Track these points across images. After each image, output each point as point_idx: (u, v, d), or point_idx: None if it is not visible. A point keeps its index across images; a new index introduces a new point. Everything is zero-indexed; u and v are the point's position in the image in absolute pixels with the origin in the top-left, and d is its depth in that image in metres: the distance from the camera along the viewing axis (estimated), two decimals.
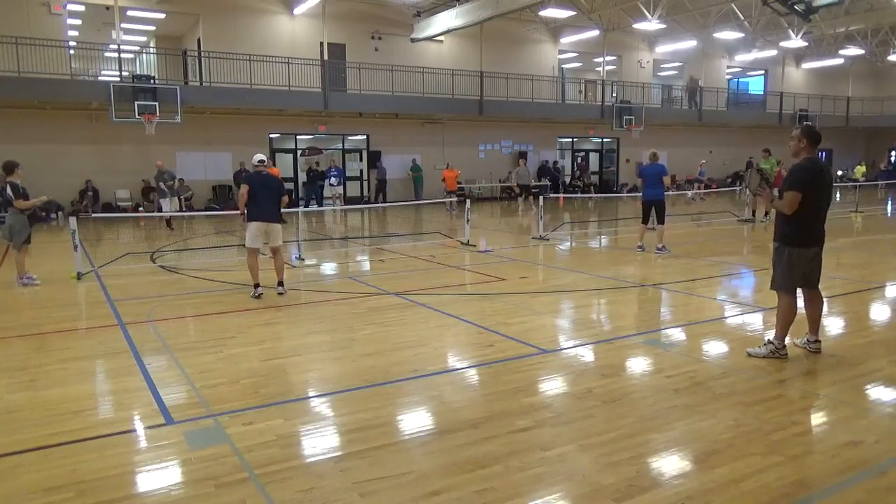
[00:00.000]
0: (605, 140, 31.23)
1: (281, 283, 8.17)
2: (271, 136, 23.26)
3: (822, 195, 5.13)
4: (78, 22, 22.38)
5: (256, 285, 7.97)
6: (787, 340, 5.47)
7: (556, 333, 6.57)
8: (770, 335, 5.50)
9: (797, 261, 5.20)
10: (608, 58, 29.38)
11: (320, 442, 3.93)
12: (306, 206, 20.56)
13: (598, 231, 17.14)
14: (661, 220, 11.48)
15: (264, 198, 7.84)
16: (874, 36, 30.35)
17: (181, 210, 16.98)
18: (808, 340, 5.58)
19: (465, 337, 6.33)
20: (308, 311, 7.67)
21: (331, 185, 21.20)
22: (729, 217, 18.21)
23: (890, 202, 25.43)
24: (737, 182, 28.25)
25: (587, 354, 5.69)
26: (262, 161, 8.06)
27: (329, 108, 22.10)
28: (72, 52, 20.30)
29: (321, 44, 22.33)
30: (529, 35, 27.53)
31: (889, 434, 3.97)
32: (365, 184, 25.29)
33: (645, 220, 11.68)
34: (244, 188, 7.85)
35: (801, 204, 5.02)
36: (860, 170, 31.91)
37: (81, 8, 20.78)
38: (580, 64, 33.64)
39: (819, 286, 5.47)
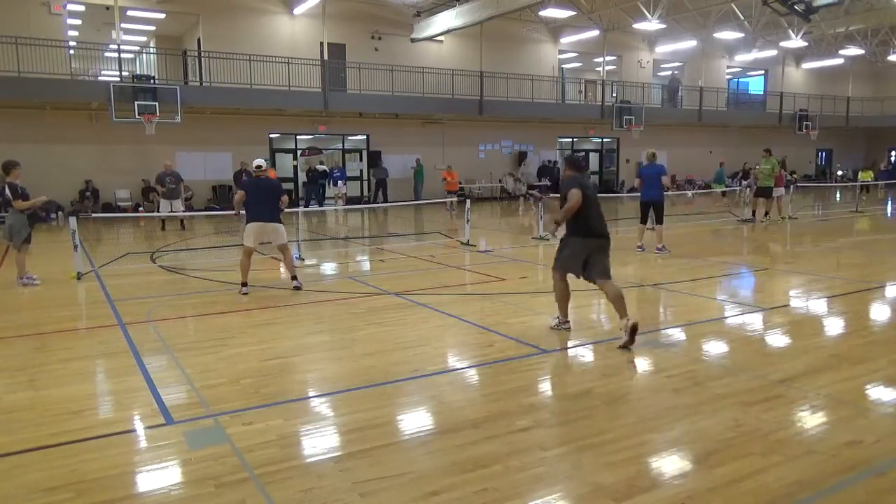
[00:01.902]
0: (605, 140, 31.21)
1: (295, 277, 8.47)
2: (271, 136, 23.26)
3: (590, 198, 6.04)
4: (78, 22, 22.38)
5: (244, 283, 8.23)
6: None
7: (556, 333, 6.56)
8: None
9: (579, 248, 6.00)
10: (608, 58, 29.36)
11: (320, 442, 3.93)
12: (306, 205, 20.55)
13: None
14: (659, 221, 11.48)
15: (264, 200, 8.23)
16: (874, 36, 30.33)
17: (182, 210, 16.96)
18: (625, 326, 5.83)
19: (465, 337, 6.33)
20: (308, 310, 7.66)
21: (336, 186, 21.24)
22: (729, 217, 18.20)
23: (890, 202, 25.41)
24: (737, 181, 28.24)
25: (587, 354, 5.70)
26: (259, 167, 8.49)
27: (329, 108, 22.09)
28: (72, 52, 20.30)
29: (321, 44, 22.31)
30: (529, 35, 27.51)
31: (889, 434, 3.97)
32: (365, 184, 25.31)
33: (643, 221, 11.69)
34: (240, 194, 8.35)
35: (580, 206, 5.85)
36: (867, 175, 29.28)
37: (81, 8, 20.77)
38: (580, 64, 33.62)
39: (608, 277, 6.00)
